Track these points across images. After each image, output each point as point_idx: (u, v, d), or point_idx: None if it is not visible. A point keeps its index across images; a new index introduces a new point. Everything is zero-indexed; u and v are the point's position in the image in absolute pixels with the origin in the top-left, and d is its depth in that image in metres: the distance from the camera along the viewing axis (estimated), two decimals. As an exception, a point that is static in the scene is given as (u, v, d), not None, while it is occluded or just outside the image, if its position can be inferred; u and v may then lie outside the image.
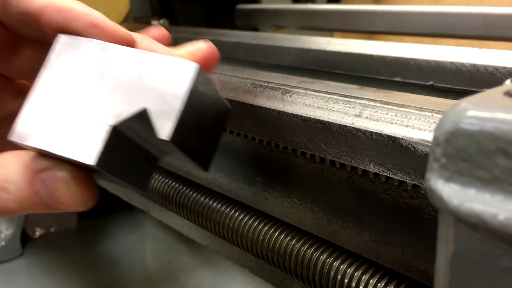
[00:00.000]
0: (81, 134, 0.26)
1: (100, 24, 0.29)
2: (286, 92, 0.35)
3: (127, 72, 0.28)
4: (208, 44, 0.35)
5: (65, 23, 0.29)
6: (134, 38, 0.31)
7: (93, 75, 0.28)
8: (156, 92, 0.27)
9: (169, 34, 0.37)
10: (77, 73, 0.28)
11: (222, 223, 0.42)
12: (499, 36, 0.58)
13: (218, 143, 0.33)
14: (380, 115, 0.29)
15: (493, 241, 0.17)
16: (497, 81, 0.42)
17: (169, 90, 0.27)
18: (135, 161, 0.30)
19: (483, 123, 0.17)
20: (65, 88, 0.28)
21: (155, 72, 0.28)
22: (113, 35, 0.29)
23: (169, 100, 0.27)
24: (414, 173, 0.27)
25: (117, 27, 0.30)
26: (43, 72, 0.29)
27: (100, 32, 0.29)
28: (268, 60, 0.59)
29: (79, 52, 0.29)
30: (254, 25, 0.87)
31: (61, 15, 0.29)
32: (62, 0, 0.29)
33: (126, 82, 0.28)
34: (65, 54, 0.29)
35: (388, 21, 0.69)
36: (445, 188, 0.18)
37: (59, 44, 0.29)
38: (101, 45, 0.29)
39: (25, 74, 0.34)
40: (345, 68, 0.52)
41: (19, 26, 0.31)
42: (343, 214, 0.37)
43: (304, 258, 0.36)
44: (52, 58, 0.29)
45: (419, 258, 0.33)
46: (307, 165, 0.38)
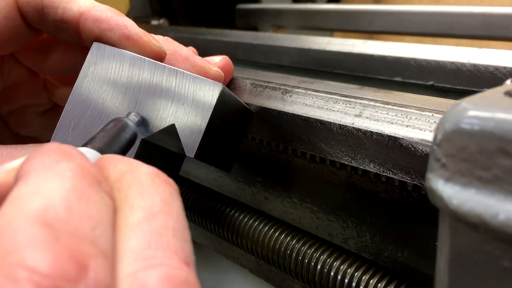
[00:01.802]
0: None
1: (133, 36, 0.30)
2: (286, 92, 0.35)
3: (154, 86, 0.30)
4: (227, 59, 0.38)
5: (100, 32, 0.30)
6: (165, 51, 0.32)
7: (123, 87, 0.30)
8: (183, 109, 0.29)
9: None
10: (109, 83, 0.30)
11: (222, 223, 0.42)
12: (500, 36, 0.58)
13: (240, 146, 0.36)
14: (381, 115, 0.29)
15: (493, 241, 0.17)
16: (498, 81, 0.42)
17: (195, 109, 0.29)
18: (162, 163, 0.32)
19: (483, 123, 0.17)
20: (97, 98, 0.30)
21: (182, 89, 0.29)
22: (145, 48, 0.30)
23: (195, 119, 0.29)
24: (415, 173, 0.27)
25: (149, 41, 0.31)
26: (78, 81, 0.30)
27: (133, 44, 0.30)
28: (268, 60, 0.59)
29: (112, 63, 0.30)
30: (254, 25, 0.87)
31: (96, 24, 0.30)
32: (99, 9, 0.30)
33: (153, 95, 0.29)
34: (99, 64, 0.30)
35: (388, 21, 0.69)
36: (445, 188, 0.18)
37: (94, 53, 0.31)
38: (131, 58, 0.30)
39: (53, 72, 0.36)
40: (345, 68, 0.52)
41: (55, 31, 0.32)
42: (343, 214, 0.37)
43: (304, 258, 0.36)
44: (86, 67, 0.31)
45: (420, 258, 0.33)
46: (307, 165, 0.38)
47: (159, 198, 0.19)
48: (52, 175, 0.17)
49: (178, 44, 0.34)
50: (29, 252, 0.14)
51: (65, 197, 0.16)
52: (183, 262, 0.17)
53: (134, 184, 0.19)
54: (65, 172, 0.17)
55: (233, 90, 0.38)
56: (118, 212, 0.18)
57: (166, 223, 0.18)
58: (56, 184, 0.17)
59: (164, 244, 0.17)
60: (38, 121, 0.39)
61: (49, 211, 0.15)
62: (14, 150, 0.30)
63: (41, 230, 0.15)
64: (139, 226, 0.17)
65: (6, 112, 0.37)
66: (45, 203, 0.16)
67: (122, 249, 0.17)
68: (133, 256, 0.16)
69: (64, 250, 0.14)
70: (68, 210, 0.16)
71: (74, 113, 0.30)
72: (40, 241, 0.14)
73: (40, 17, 0.31)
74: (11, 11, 0.31)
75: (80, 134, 0.29)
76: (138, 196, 0.18)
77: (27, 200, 0.16)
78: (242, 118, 0.35)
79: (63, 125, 0.30)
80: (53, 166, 0.17)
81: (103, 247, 0.16)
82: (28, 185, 0.16)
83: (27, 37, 0.32)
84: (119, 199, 0.19)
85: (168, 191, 0.19)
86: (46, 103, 0.38)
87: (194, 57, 0.34)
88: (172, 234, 0.18)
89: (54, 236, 0.15)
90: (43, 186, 0.16)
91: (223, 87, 0.29)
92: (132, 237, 0.17)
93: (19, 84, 0.36)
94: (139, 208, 0.18)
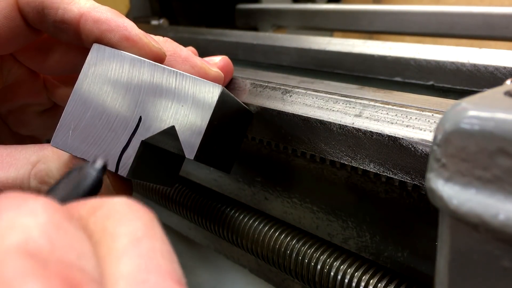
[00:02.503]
0: (113, 146, 0.29)
1: (133, 38, 0.30)
2: (286, 92, 0.35)
3: (154, 88, 0.30)
4: (227, 59, 0.37)
5: (100, 33, 0.30)
6: (165, 53, 0.32)
7: (123, 89, 0.30)
8: (183, 111, 0.29)
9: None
10: (109, 85, 0.30)
11: (222, 223, 0.42)
12: (500, 36, 0.58)
13: (240, 147, 0.36)
14: (381, 115, 0.29)
15: (493, 241, 0.17)
16: (498, 81, 0.42)
17: (195, 111, 0.29)
18: (163, 164, 0.32)
19: (483, 123, 0.17)
20: (97, 100, 0.30)
21: (182, 91, 0.29)
22: (145, 50, 0.30)
23: (194, 120, 0.29)
24: (415, 173, 0.27)
25: (149, 42, 0.31)
26: (78, 82, 0.30)
27: (133, 45, 0.30)
28: (268, 60, 0.59)
29: (112, 64, 0.30)
30: (254, 25, 0.87)
31: (96, 26, 0.30)
32: (99, 10, 0.30)
33: (153, 97, 0.29)
34: (99, 66, 0.30)
35: (388, 21, 0.69)
36: (445, 188, 0.18)
37: (94, 55, 0.31)
38: (131, 59, 0.30)
39: (53, 72, 0.36)
40: (345, 68, 0.52)
41: (55, 32, 0.32)
42: (343, 214, 0.37)
43: (304, 258, 0.36)
44: (86, 68, 0.31)
45: (420, 258, 0.33)
46: (307, 165, 0.38)
47: (140, 223, 0.18)
48: (24, 211, 0.16)
49: (178, 45, 0.34)
50: (21, 282, 0.13)
51: (42, 230, 0.15)
52: (177, 282, 0.16)
53: (111, 214, 0.18)
54: (37, 207, 0.16)
55: (233, 90, 0.38)
56: (99, 245, 0.17)
57: (153, 246, 0.17)
58: (30, 219, 0.15)
59: (156, 266, 0.16)
60: (37, 121, 0.39)
61: (29, 244, 0.14)
62: (14, 151, 0.30)
63: (26, 261, 0.14)
64: (125, 252, 0.16)
65: (6, 111, 0.37)
66: (24, 237, 0.15)
67: (113, 276, 0.16)
68: (126, 282, 0.16)
69: (55, 277, 0.14)
70: (49, 242, 0.15)
71: (74, 114, 0.30)
72: (30, 271, 0.13)
73: (40, 18, 0.31)
74: (11, 11, 0.31)
75: (80, 135, 0.29)
76: (118, 225, 0.17)
77: (3, 236, 0.15)
78: (242, 119, 0.35)
79: (63, 126, 0.30)
80: (22, 204, 0.16)
81: (92, 274, 0.15)
82: (1, 221, 0.15)
83: (27, 37, 0.32)
84: (96, 232, 0.17)
85: (147, 217, 0.18)
86: (45, 102, 0.38)
87: (194, 58, 0.34)
88: (161, 256, 0.17)
89: (41, 265, 0.14)
90: (18, 221, 0.15)
91: (223, 89, 0.29)
92: (120, 264, 0.16)
93: (18, 83, 0.36)
94: (121, 235, 0.17)
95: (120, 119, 0.29)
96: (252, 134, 0.37)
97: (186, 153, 0.29)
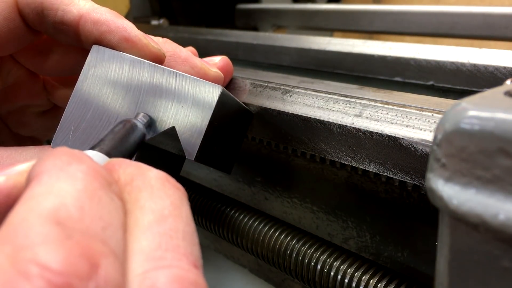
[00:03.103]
0: None
1: (133, 39, 0.30)
2: (286, 92, 0.35)
3: (154, 89, 0.30)
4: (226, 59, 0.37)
5: (100, 35, 0.30)
6: (164, 53, 0.32)
7: (123, 90, 0.30)
8: (183, 111, 0.29)
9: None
10: (109, 86, 0.30)
11: (222, 223, 0.42)
12: (500, 36, 0.58)
13: (240, 147, 0.36)
14: (381, 115, 0.29)
15: (493, 241, 0.17)
16: (498, 81, 0.42)
17: (195, 111, 0.29)
18: (163, 165, 0.32)
19: (483, 123, 0.17)
20: (98, 101, 0.30)
21: (182, 92, 0.29)
22: (145, 51, 0.31)
23: (195, 121, 0.29)
24: (415, 173, 0.27)
25: (149, 43, 0.31)
26: (78, 84, 0.30)
27: (132, 46, 0.30)
28: (268, 60, 0.59)
29: (112, 66, 0.30)
30: (254, 25, 0.87)
31: (96, 27, 0.30)
32: (99, 12, 0.30)
33: (153, 98, 0.29)
34: (99, 67, 0.30)
35: (388, 21, 0.69)
36: (445, 188, 0.18)
37: (94, 56, 0.31)
38: (131, 60, 0.30)
39: (52, 73, 0.36)
40: (345, 68, 0.52)
41: (55, 33, 0.32)
42: (343, 214, 0.37)
43: (304, 258, 0.36)
44: (86, 70, 0.31)
45: (420, 258, 0.33)
46: (307, 165, 0.38)
47: (169, 201, 0.19)
48: (64, 176, 0.17)
49: (177, 45, 0.34)
50: (42, 249, 0.14)
51: (76, 197, 0.16)
52: (192, 265, 0.17)
53: (145, 188, 0.19)
54: (76, 173, 0.17)
55: (233, 90, 0.38)
56: (129, 214, 0.18)
57: (176, 226, 0.18)
58: (68, 184, 0.17)
59: (174, 246, 0.17)
60: (37, 122, 0.39)
61: (61, 210, 0.16)
62: (15, 152, 0.30)
63: (53, 228, 0.15)
64: (149, 228, 0.18)
65: (6, 112, 0.37)
66: (57, 203, 0.16)
67: (133, 249, 0.17)
68: (144, 256, 0.17)
69: (75, 248, 0.15)
70: (80, 210, 0.16)
71: (75, 116, 0.30)
72: (53, 239, 0.15)
73: (40, 19, 0.31)
74: (11, 13, 0.31)
75: (80, 137, 0.29)
76: (149, 199, 0.19)
77: (40, 199, 0.16)
78: (242, 119, 0.35)
79: (63, 127, 0.30)
80: (64, 168, 0.18)
81: (113, 246, 0.16)
82: (41, 185, 0.17)
83: (27, 38, 0.32)
84: (129, 202, 0.19)
85: (177, 195, 0.20)
86: (45, 103, 0.38)
87: (194, 58, 0.34)
88: (182, 237, 0.18)
89: (66, 234, 0.15)
90: (56, 186, 0.17)
91: (223, 89, 0.29)
92: (142, 238, 0.17)
93: (18, 84, 0.36)
94: (149, 210, 0.18)
95: (120, 120, 0.29)
96: (252, 134, 0.37)
97: (187, 154, 0.29)
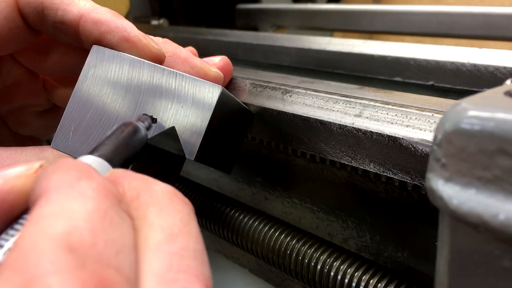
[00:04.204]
0: None
1: (132, 39, 0.30)
2: (286, 92, 0.35)
3: (154, 89, 0.30)
4: (226, 59, 0.37)
5: (99, 35, 0.30)
6: (164, 53, 0.32)
7: (122, 90, 0.30)
8: (183, 111, 0.29)
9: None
10: (109, 86, 0.30)
11: (222, 223, 0.42)
12: (500, 36, 0.58)
13: (240, 147, 0.35)
14: (381, 115, 0.29)
15: (493, 241, 0.17)
16: (498, 81, 0.42)
17: (195, 111, 0.29)
18: (163, 165, 0.32)
19: (483, 123, 0.17)
20: (97, 101, 0.30)
21: (181, 91, 0.29)
22: (145, 51, 0.30)
23: (194, 121, 0.29)
24: (415, 173, 0.27)
25: (148, 43, 0.31)
26: (78, 84, 0.30)
27: (132, 46, 0.30)
28: (268, 60, 0.59)
29: (112, 66, 0.30)
30: (254, 25, 0.87)
31: (96, 27, 0.30)
32: (99, 12, 0.30)
33: (152, 98, 0.29)
34: (99, 67, 0.30)
35: (388, 21, 0.69)
36: (446, 188, 0.18)
37: (93, 56, 0.31)
38: (131, 60, 0.30)
39: (52, 72, 0.36)
40: (345, 68, 0.52)
41: (55, 32, 0.32)
42: (343, 214, 0.37)
43: (304, 258, 0.36)
44: (86, 70, 0.31)
45: (419, 258, 0.33)
46: (307, 165, 0.38)
47: (178, 218, 0.18)
48: (74, 195, 0.17)
49: (177, 45, 0.34)
50: (55, 280, 0.14)
51: (88, 220, 0.16)
52: (204, 286, 0.17)
53: (152, 203, 0.19)
54: (87, 191, 0.17)
55: (233, 90, 0.38)
56: (138, 232, 0.18)
57: (187, 245, 0.18)
58: (79, 204, 0.16)
59: (186, 267, 0.17)
60: (37, 121, 0.39)
61: (73, 235, 0.15)
62: (15, 153, 0.30)
63: (66, 256, 0.14)
64: (160, 248, 0.17)
65: (5, 112, 0.37)
66: (69, 226, 0.15)
67: (144, 271, 0.16)
68: (156, 279, 0.16)
69: (89, 279, 0.14)
70: (93, 234, 0.15)
71: (74, 116, 0.30)
72: (65, 268, 0.14)
73: (40, 19, 0.31)
74: (11, 12, 0.31)
75: (80, 137, 0.29)
76: (157, 216, 0.18)
77: (51, 222, 0.15)
78: (242, 119, 0.35)
79: (63, 127, 0.30)
80: (74, 185, 0.17)
81: (127, 273, 0.16)
82: (50, 204, 0.16)
83: (27, 38, 0.32)
84: (138, 218, 0.18)
85: (186, 211, 0.19)
86: (45, 103, 0.38)
87: (193, 58, 0.34)
88: (193, 256, 0.17)
89: (79, 262, 0.14)
90: (66, 206, 0.16)
91: (223, 89, 0.29)
92: (153, 259, 0.17)
93: (18, 84, 0.36)
94: (159, 228, 0.18)
95: (120, 120, 0.29)
96: (252, 134, 0.37)
97: (187, 154, 0.29)
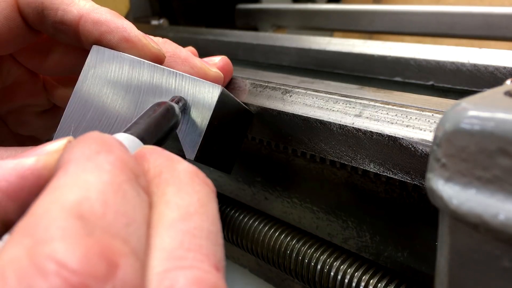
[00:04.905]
0: None
1: (132, 39, 0.30)
2: (286, 92, 0.35)
3: (154, 89, 0.30)
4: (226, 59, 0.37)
5: (99, 35, 0.30)
6: (164, 54, 0.32)
7: (123, 90, 0.30)
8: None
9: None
10: (109, 86, 0.30)
11: (222, 223, 0.42)
12: (500, 36, 0.58)
13: (240, 147, 0.35)
14: (381, 115, 0.29)
15: (493, 241, 0.17)
16: (498, 81, 0.42)
17: (195, 111, 0.29)
18: None
19: (483, 123, 0.17)
20: (97, 101, 0.30)
21: (181, 92, 0.29)
22: (145, 51, 0.30)
23: (194, 121, 0.29)
24: (415, 173, 0.27)
25: (148, 43, 0.31)
26: (78, 84, 0.30)
27: (132, 47, 0.30)
28: (268, 60, 0.59)
29: (112, 66, 0.30)
30: (254, 25, 0.87)
31: (96, 27, 0.30)
32: (99, 12, 0.30)
33: (153, 98, 0.29)
34: (98, 67, 0.30)
35: (388, 21, 0.69)
36: (446, 188, 0.18)
37: (93, 56, 0.31)
38: (131, 61, 0.30)
39: (52, 72, 0.36)
40: (345, 68, 0.52)
41: (55, 33, 0.32)
42: (343, 214, 0.37)
43: (304, 258, 0.36)
44: (86, 70, 0.31)
45: (420, 258, 0.33)
46: (307, 165, 0.38)
47: (196, 198, 0.19)
48: (90, 167, 0.17)
49: (177, 45, 0.34)
50: (61, 245, 0.14)
51: (101, 191, 0.16)
52: (214, 266, 0.17)
53: (173, 182, 0.19)
54: (103, 164, 0.17)
55: (233, 90, 0.38)
56: (154, 208, 0.18)
57: (201, 225, 0.18)
58: (94, 176, 0.16)
59: (196, 246, 0.17)
60: (37, 121, 0.39)
61: (84, 204, 0.15)
62: (14, 153, 0.30)
63: (74, 223, 0.15)
64: (173, 225, 0.17)
65: (5, 112, 0.37)
66: (81, 196, 0.15)
67: (155, 246, 0.16)
68: (165, 254, 0.16)
69: (95, 247, 0.14)
70: (104, 205, 0.16)
71: (75, 116, 0.30)
72: (73, 235, 0.14)
73: (40, 19, 0.31)
74: (11, 12, 0.31)
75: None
76: (176, 194, 0.18)
77: (64, 191, 0.16)
78: (242, 119, 0.35)
79: (63, 127, 0.30)
80: (92, 157, 0.17)
81: (135, 245, 0.16)
82: (67, 175, 0.16)
83: (27, 38, 0.33)
84: (156, 195, 0.18)
85: (205, 191, 0.19)
86: (45, 103, 0.38)
87: (193, 58, 0.34)
88: (206, 236, 0.17)
89: (87, 230, 0.15)
90: (81, 177, 0.16)
91: (223, 89, 0.29)
92: (165, 235, 0.17)
93: (18, 84, 0.36)
94: (175, 206, 0.18)
95: (120, 120, 0.29)
96: (252, 134, 0.37)
97: (186, 154, 0.29)
